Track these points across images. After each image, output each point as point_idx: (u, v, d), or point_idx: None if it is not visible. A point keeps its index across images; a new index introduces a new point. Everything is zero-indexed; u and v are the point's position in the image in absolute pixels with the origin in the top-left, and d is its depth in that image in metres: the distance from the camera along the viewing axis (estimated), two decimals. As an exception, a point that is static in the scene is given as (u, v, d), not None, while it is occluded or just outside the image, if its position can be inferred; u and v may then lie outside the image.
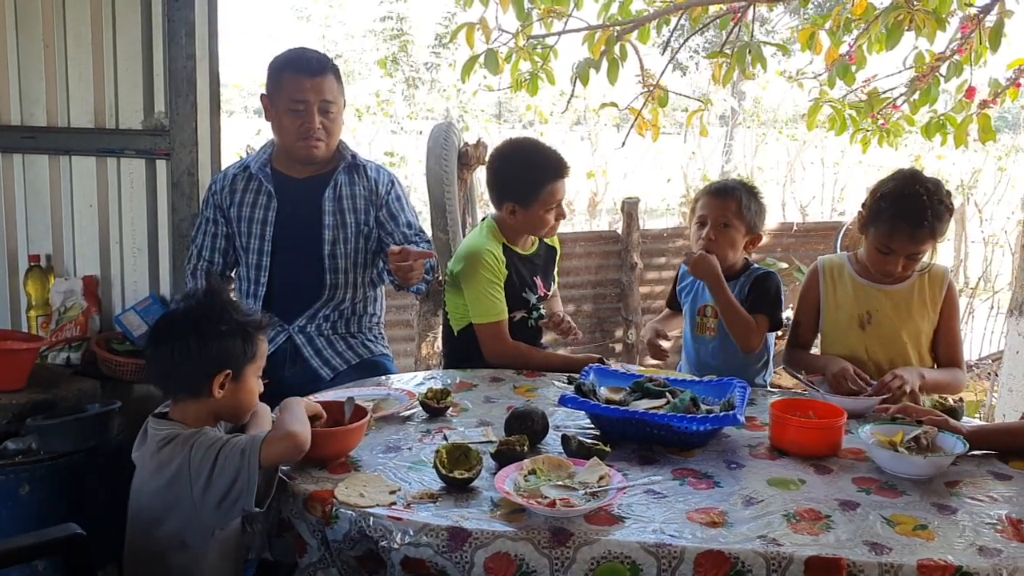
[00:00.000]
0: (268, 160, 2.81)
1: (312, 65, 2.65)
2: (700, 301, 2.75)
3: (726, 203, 2.64)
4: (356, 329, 2.86)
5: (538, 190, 2.72)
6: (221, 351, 1.81)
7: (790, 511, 1.64)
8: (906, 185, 2.40)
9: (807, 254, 6.97)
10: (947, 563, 1.45)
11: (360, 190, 2.81)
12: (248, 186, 2.79)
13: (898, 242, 2.39)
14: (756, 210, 2.67)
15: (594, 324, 6.49)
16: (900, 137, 6.01)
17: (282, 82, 2.65)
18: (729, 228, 2.64)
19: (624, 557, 1.50)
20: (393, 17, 13.76)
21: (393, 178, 2.90)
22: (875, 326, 2.48)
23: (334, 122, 2.72)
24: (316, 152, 2.71)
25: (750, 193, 2.69)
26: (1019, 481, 1.81)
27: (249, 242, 2.76)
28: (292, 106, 2.64)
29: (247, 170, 2.80)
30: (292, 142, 2.69)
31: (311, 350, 2.76)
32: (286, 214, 2.75)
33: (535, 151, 2.78)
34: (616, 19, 5.37)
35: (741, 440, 2.03)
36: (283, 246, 2.75)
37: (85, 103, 3.10)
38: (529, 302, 2.83)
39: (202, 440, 1.75)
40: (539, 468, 1.76)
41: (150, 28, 3.05)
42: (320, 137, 2.68)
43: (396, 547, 1.57)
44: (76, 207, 3.17)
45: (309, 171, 2.79)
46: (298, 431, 1.75)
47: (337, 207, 2.76)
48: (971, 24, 4.90)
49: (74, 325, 3.08)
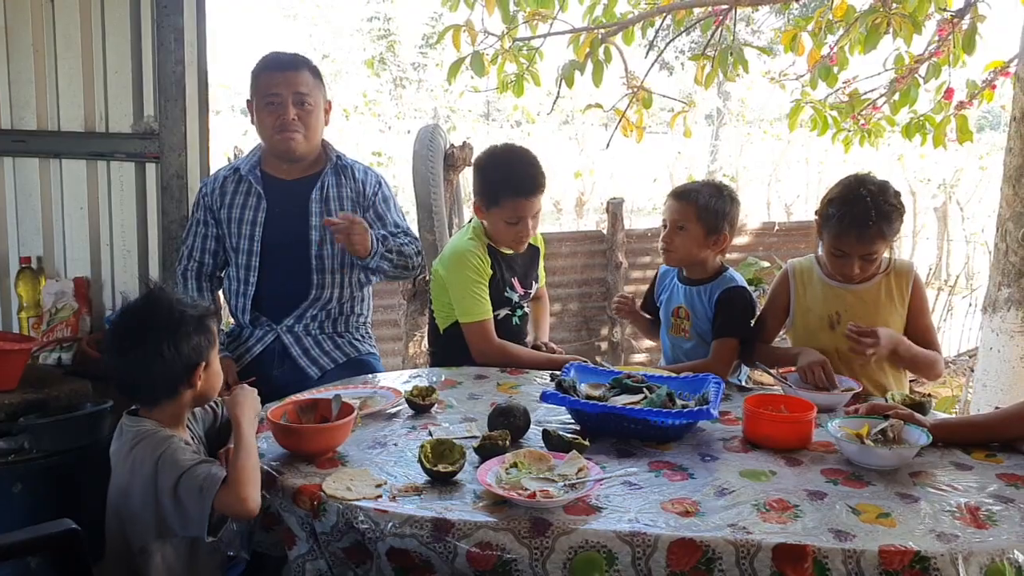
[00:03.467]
0: (258, 163, 2.85)
1: (284, 60, 2.74)
2: (674, 303, 2.80)
3: (685, 206, 2.68)
4: (343, 328, 2.90)
5: (497, 200, 2.75)
6: (193, 348, 1.88)
7: (760, 501, 1.71)
8: (851, 190, 2.48)
9: (789, 253, 7.03)
10: (907, 548, 1.52)
11: (347, 191, 2.85)
12: (238, 188, 2.83)
13: (848, 244, 2.47)
14: (718, 210, 2.67)
15: (580, 323, 6.56)
16: (881, 137, 6.11)
17: (259, 83, 2.73)
18: (685, 231, 2.68)
19: (600, 546, 1.57)
20: (380, 17, 13.80)
21: (380, 179, 2.95)
22: (844, 325, 2.55)
23: (310, 114, 2.75)
24: (294, 144, 2.74)
25: (715, 195, 2.68)
26: (979, 471, 1.89)
27: (239, 243, 2.81)
28: (267, 100, 2.71)
29: (237, 172, 2.85)
30: (270, 136, 2.75)
31: (299, 349, 2.81)
32: (275, 216, 2.80)
33: (506, 162, 2.78)
34: (601, 21, 5.44)
35: (716, 434, 2.10)
36: (272, 247, 2.80)
37: (75, 107, 3.14)
38: (512, 300, 2.89)
39: (168, 457, 1.79)
40: (520, 461, 1.82)
41: (139, 33, 3.09)
42: (296, 129, 2.72)
43: (382, 538, 1.63)
44: (67, 210, 3.22)
45: (297, 173, 2.83)
46: (250, 498, 1.74)
47: (324, 208, 2.80)
48: (948, 27, 4.99)
49: (65, 326, 3.12)
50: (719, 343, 2.65)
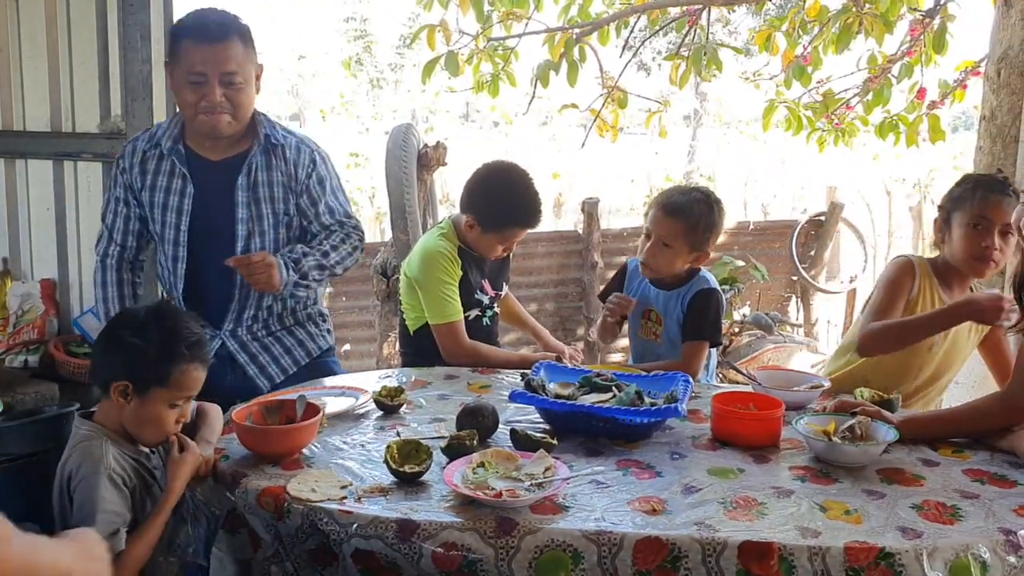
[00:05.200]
0: (180, 136, 2.52)
1: (211, 31, 2.36)
2: (645, 305, 2.73)
3: (674, 224, 2.58)
4: (292, 323, 2.66)
5: (502, 227, 2.75)
6: (127, 360, 1.78)
7: (728, 499, 1.71)
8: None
9: (763, 252, 7.09)
10: (872, 545, 1.52)
11: (278, 175, 2.52)
12: (160, 167, 2.51)
13: (992, 209, 2.40)
14: (707, 229, 2.59)
15: (556, 323, 6.56)
16: (855, 137, 6.15)
17: (180, 51, 2.38)
18: (670, 248, 2.59)
19: (566, 545, 1.56)
20: (356, 18, 13.76)
21: (316, 157, 2.58)
22: (940, 349, 2.50)
23: (240, 92, 2.41)
24: (220, 126, 2.42)
25: (705, 212, 2.58)
26: (946, 467, 1.90)
27: (164, 232, 2.52)
28: (190, 78, 2.37)
29: (158, 148, 2.52)
30: (193, 116, 2.42)
31: (246, 356, 2.57)
32: (201, 204, 2.50)
33: (520, 192, 2.77)
34: (576, 21, 5.45)
35: (685, 432, 2.10)
36: (199, 238, 2.51)
37: (41, 106, 3.11)
38: (482, 303, 2.88)
39: (86, 490, 1.71)
40: (488, 461, 1.81)
41: (106, 31, 3.06)
42: (223, 110, 2.40)
43: (347, 540, 1.62)
44: (33, 211, 3.18)
45: (222, 151, 2.52)
46: None
47: (252, 196, 2.50)
48: (919, 27, 5.03)
49: (32, 328, 3.09)
50: (689, 346, 2.63)
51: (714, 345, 2.69)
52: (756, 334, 5.82)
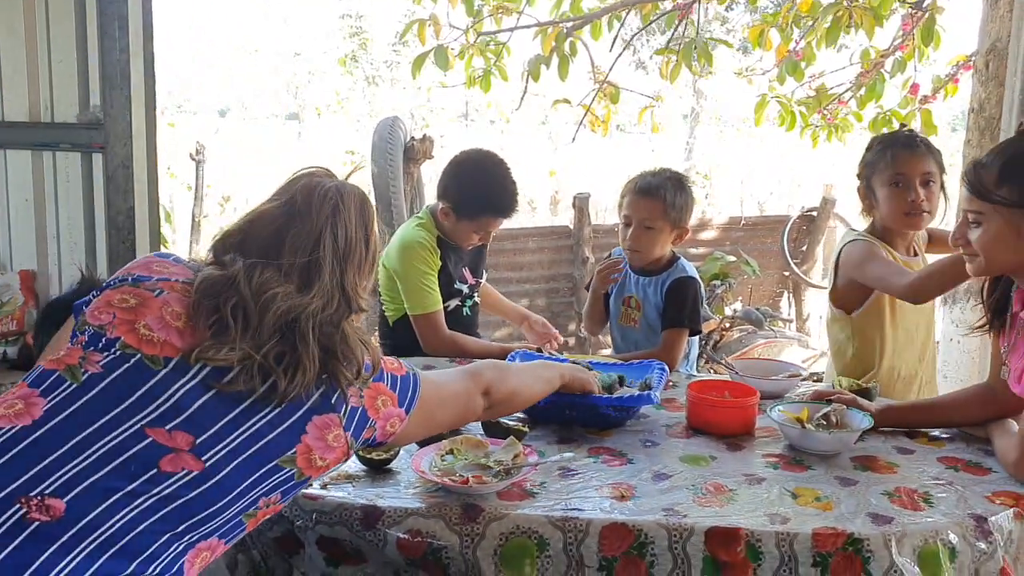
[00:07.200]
0: None
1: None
2: (625, 292, 2.74)
3: (652, 204, 2.59)
4: None
5: (476, 215, 2.74)
6: None
7: (698, 485, 1.68)
8: None
9: (756, 247, 7.07)
10: (840, 530, 1.50)
11: None
12: None
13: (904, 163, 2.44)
14: (682, 206, 2.62)
15: (547, 318, 6.49)
16: (849, 132, 6.13)
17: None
18: (653, 230, 2.60)
19: (532, 531, 1.53)
20: (352, 15, 13.74)
21: None
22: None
23: None
24: None
25: (676, 188, 2.62)
26: (920, 455, 1.87)
27: None
28: None
29: None
30: None
31: None
32: None
33: (493, 179, 2.75)
34: (567, 16, 5.42)
35: (660, 420, 2.08)
36: None
37: (19, 96, 3.08)
38: (462, 292, 2.86)
39: None
40: (457, 448, 1.79)
41: (84, 20, 3.03)
42: None
43: (311, 527, 1.60)
44: (12, 202, 3.15)
45: None
46: None
47: None
48: (911, 21, 5.02)
49: (10, 319, 3.06)
50: (669, 333, 2.61)
51: (694, 333, 2.67)
52: (747, 329, 5.81)
